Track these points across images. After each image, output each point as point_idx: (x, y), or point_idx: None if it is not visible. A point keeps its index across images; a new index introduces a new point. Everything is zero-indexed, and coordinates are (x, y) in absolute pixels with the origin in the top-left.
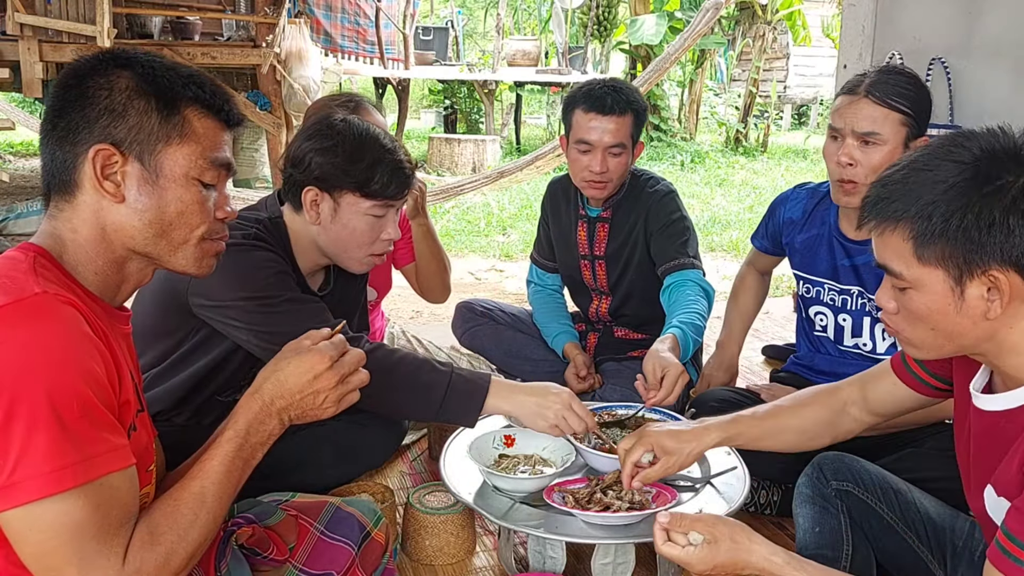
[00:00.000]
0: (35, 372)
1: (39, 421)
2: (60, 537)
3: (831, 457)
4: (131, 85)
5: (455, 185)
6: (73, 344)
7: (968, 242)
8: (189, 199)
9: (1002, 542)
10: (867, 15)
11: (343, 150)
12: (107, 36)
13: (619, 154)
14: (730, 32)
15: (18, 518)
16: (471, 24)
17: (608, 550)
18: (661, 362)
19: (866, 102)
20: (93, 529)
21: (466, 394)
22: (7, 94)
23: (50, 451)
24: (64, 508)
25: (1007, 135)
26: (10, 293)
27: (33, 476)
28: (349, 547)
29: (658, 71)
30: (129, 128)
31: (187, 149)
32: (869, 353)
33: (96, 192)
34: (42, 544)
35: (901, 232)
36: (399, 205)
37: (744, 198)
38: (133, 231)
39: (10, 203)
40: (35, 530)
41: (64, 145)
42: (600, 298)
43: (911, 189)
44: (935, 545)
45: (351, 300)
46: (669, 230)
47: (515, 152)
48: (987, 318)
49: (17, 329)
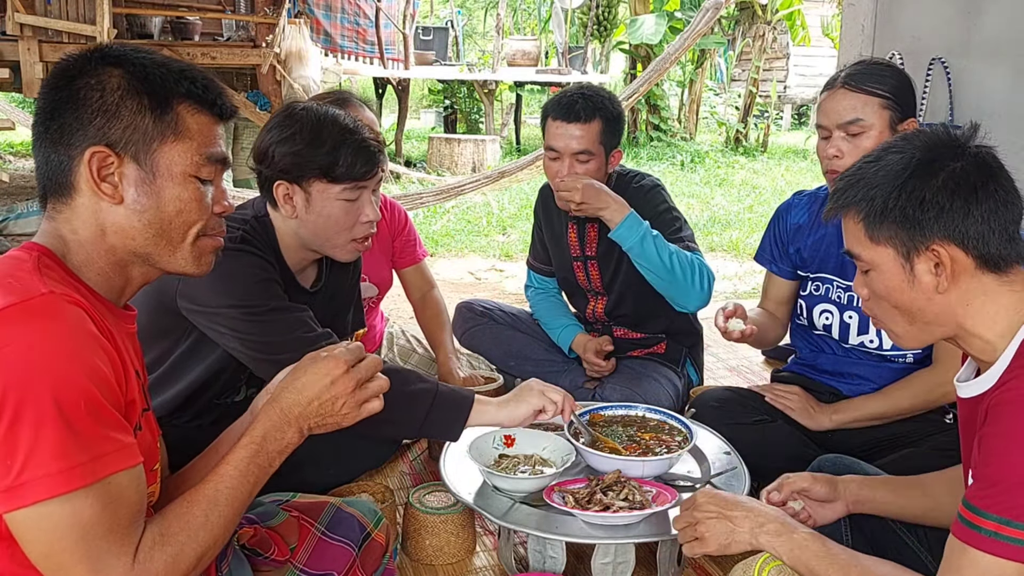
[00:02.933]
0: (42, 372)
1: (46, 421)
2: (69, 536)
3: (831, 458)
4: (123, 84)
5: (455, 185)
6: (79, 343)
7: (906, 220)
8: (187, 197)
9: (963, 513)
10: (867, 15)
11: (302, 137)
12: (107, 36)
13: (586, 161)
14: (730, 32)
15: (27, 518)
16: (471, 24)
17: (608, 550)
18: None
19: (843, 92)
20: (102, 528)
21: (453, 406)
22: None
23: (58, 451)
24: (73, 508)
25: (949, 131)
26: (16, 293)
27: (41, 476)
28: (350, 548)
29: (658, 71)
30: (123, 128)
31: (182, 146)
32: (876, 350)
33: (94, 194)
34: (51, 544)
35: (853, 216)
36: (371, 185)
37: (744, 198)
38: (133, 231)
39: (10, 203)
40: (44, 530)
41: (58, 147)
42: (596, 299)
43: (860, 178)
44: (934, 545)
45: (343, 296)
46: (658, 221)
47: (515, 152)
48: (938, 292)
49: (24, 329)
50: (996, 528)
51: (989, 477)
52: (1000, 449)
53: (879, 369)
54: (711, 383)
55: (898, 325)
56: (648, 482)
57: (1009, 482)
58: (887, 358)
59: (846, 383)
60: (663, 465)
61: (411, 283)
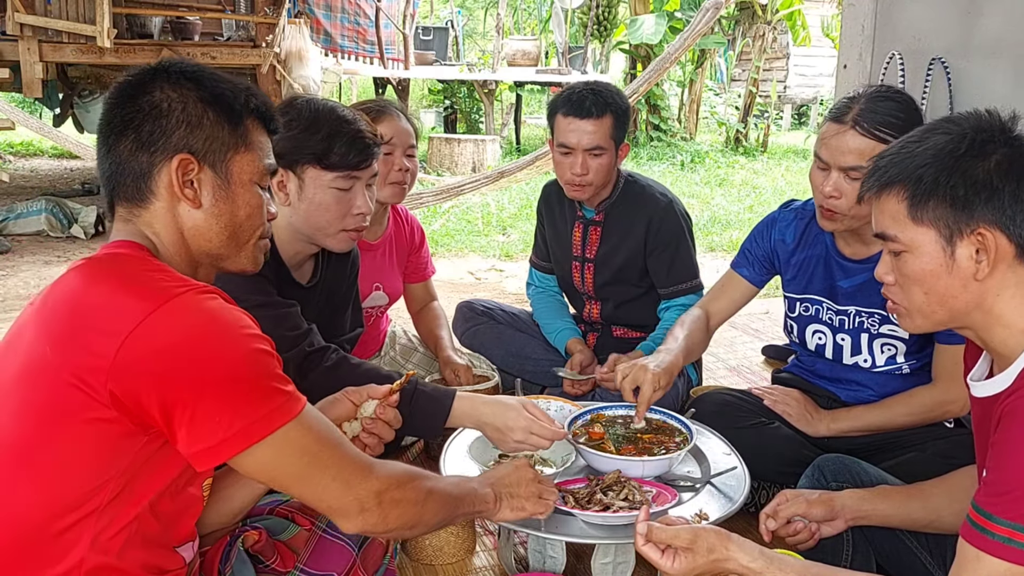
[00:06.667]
0: (224, 342)
1: (243, 378)
2: (310, 450)
3: (831, 458)
4: (203, 97)
5: (455, 185)
6: (232, 313)
7: (955, 200)
8: (255, 202)
9: (973, 517)
10: (867, 15)
11: (299, 125)
12: (107, 36)
13: (599, 155)
14: (730, 32)
15: (269, 447)
16: (471, 24)
17: (608, 550)
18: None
19: (852, 134)
20: (318, 445)
21: (433, 401)
22: (7, 94)
23: (263, 397)
24: (298, 431)
25: (994, 115)
26: (158, 295)
27: (263, 416)
28: (350, 548)
29: (658, 71)
30: (204, 138)
31: (250, 156)
32: (869, 368)
33: (173, 198)
34: (296, 462)
35: (896, 194)
36: (365, 177)
37: (744, 198)
38: (211, 233)
39: (10, 203)
40: (286, 453)
41: (138, 155)
42: (590, 303)
43: (905, 157)
44: (934, 547)
45: (341, 294)
46: (674, 263)
47: (515, 152)
48: (976, 279)
49: (189, 320)
50: (1009, 534)
51: (1003, 483)
52: (1014, 455)
53: (877, 377)
54: (711, 383)
55: (912, 303)
56: (648, 482)
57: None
58: (878, 376)
59: (844, 389)
60: (663, 465)
61: (415, 296)
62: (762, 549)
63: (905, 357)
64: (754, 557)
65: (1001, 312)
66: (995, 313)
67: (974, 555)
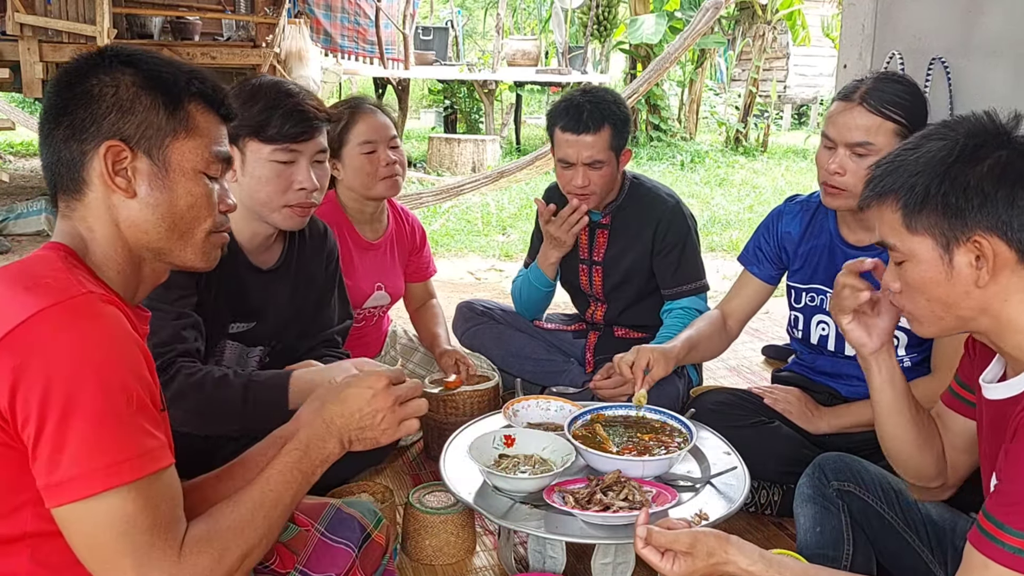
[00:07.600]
0: (89, 370)
1: (93, 418)
2: (115, 530)
3: (832, 457)
4: (136, 81)
5: (455, 185)
6: (122, 342)
7: (948, 208)
8: (198, 192)
9: (983, 524)
10: (867, 15)
11: (238, 98)
12: (107, 36)
13: (599, 168)
14: (730, 32)
15: (74, 512)
16: (471, 24)
17: (608, 550)
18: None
19: (860, 110)
20: (147, 523)
21: (268, 389)
22: (7, 94)
23: (105, 447)
24: (119, 502)
25: (992, 118)
26: (55, 293)
27: (89, 472)
28: (350, 549)
29: (658, 71)
30: (137, 124)
31: (192, 143)
32: None
33: (107, 188)
34: (96, 538)
35: (891, 204)
36: (307, 152)
37: (744, 198)
38: (147, 225)
39: (10, 203)
40: (90, 524)
41: (70, 143)
42: (596, 304)
43: (899, 165)
44: (936, 546)
45: (319, 284)
46: (680, 264)
47: (515, 152)
48: (978, 286)
49: (68, 329)
50: (1020, 544)
51: (1016, 493)
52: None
53: None
54: (711, 383)
55: (919, 310)
56: (648, 482)
57: None
58: None
59: (844, 384)
60: (663, 465)
61: (414, 295)
62: (762, 552)
63: (907, 350)
64: (754, 560)
65: (1011, 317)
66: (1005, 318)
67: (982, 562)
